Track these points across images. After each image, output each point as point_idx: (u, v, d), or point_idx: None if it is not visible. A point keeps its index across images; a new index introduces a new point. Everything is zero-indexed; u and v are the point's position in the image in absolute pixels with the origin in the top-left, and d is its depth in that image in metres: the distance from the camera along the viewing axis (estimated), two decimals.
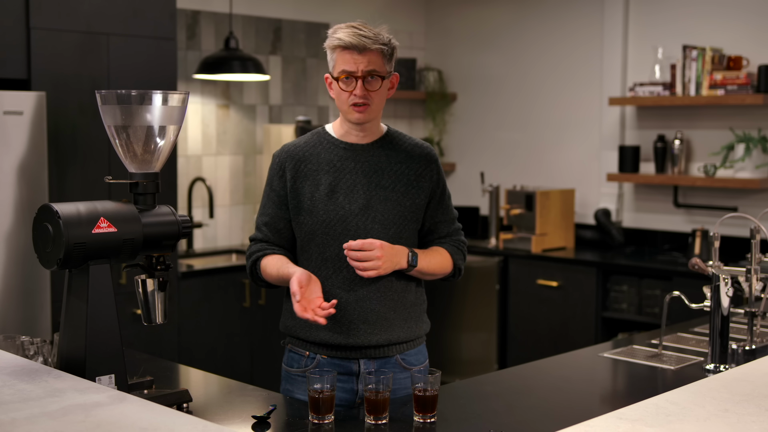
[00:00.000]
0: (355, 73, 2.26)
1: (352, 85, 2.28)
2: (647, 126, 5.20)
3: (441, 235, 2.47)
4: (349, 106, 2.30)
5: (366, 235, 2.32)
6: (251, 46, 5.24)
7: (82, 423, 1.54)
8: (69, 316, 2.02)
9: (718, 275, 2.51)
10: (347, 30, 2.27)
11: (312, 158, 2.37)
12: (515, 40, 5.80)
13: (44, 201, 3.63)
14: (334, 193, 2.33)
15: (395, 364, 2.39)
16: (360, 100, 2.28)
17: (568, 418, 1.98)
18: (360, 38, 2.25)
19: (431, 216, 2.44)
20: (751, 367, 2.13)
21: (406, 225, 2.37)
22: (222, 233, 5.21)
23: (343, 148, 2.37)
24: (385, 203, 2.35)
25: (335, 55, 2.29)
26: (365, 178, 2.35)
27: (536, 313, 5.00)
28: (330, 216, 2.32)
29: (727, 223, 4.31)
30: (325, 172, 2.35)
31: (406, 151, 2.41)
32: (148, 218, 2.07)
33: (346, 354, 2.35)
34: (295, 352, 2.42)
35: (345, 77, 2.28)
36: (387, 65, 2.31)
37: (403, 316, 2.39)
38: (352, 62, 2.26)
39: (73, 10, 3.82)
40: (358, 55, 2.25)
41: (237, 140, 5.25)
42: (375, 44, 2.26)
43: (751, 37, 4.78)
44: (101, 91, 2.06)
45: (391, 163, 2.38)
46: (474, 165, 5.95)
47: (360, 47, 2.25)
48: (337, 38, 2.27)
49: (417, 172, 2.40)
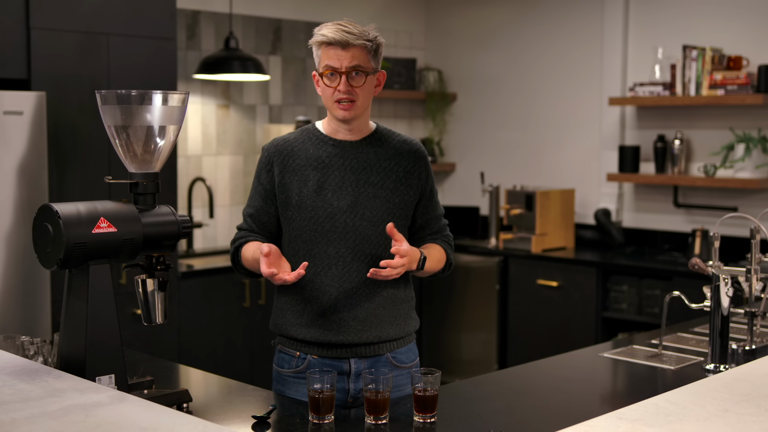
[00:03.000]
0: (339, 68, 2.28)
1: (336, 80, 2.29)
2: (647, 126, 5.20)
3: (432, 231, 2.49)
4: (333, 102, 2.31)
5: (355, 233, 2.32)
6: (251, 46, 5.24)
7: (82, 423, 1.54)
8: (69, 316, 2.02)
9: (718, 275, 2.51)
10: (331, 26, 2.30)
11: (300, 153, 2.37)
12: (515, 40, 5.80)
13: (44, 201, 3.63)
14: (323, 190, 2.34)
15: (386, 362, 2.39)
16: (344, 96, 2.29)
17: (568, 418, 1.98)
18: (343, 34, 2.27)
19: (422, 213, 2.46)
20: (751, 367, 2.13)
21: (396, 222, 2.36)
22: (222, 233, 5.21)
23: (332, 144, 2.38)
24: (373, 200, 2.35)
25: (320, 51, 2.32)
26: (354, 175, 2.36)
27: (536, 313, 5.00)
28: (318, 213, 2.33)
29: (727, 223, 4.33)
30: (312, 168, 2.35)
31: (395, 147, 2.42)
32: (148, 218, 2.07)
33: (337, 353, 2.36)
34: (285, 352, 2.43)
35: (329, 73, 2.29)
36: (372, 61, 2.31)
37: (392, 313, 2.39)
38: (335, 58, 2.28)
39: (73, 10, 3.82)
40: (341, 50, 2.28)
41: (237, 140, 5.25)
42: (359, 40, 2.28)
43: (751, 37, 4.78)
44: (101, 91, 2.06)
45: (380, 160, 2.39)
46: (474, 165, 5.95)
47: (343, 43, 2.27)
48: (321, 34, 2.30)
49: (406, 169, 2.41)
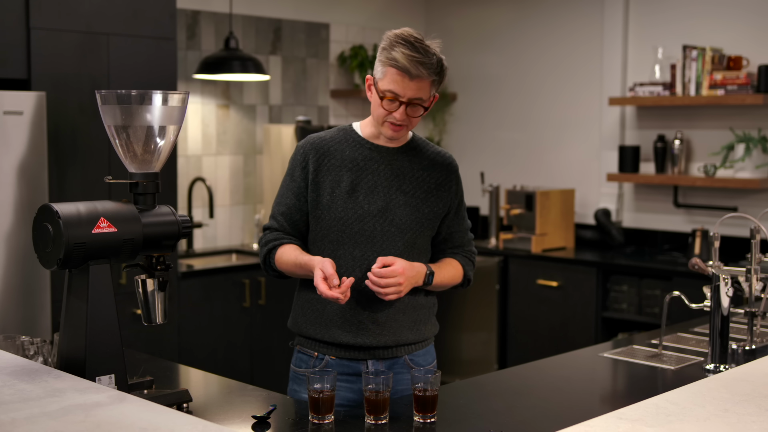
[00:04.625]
0: (401, 97, 2.24)
1: (394, 106, 2.25)
2: (647, 126, 5.20)
3: (455, 245, 2.48)
4: (385, 121, 2.29)
5: (382, 238, 2.32)
6: (251, 46, 5.24)
7: (82, 423, 1.54)
8: (69, 316, 2.02)
9: (718, 275, 2.51)
10: (406, 51, 2.20)
11: (336, 153, 2.36)
12: (515, 40, 5.80)
13: (44, 201, 3.63)
14: (355, 192, 2.33)
15: (403, 364, 2.39)
16: (399, 122, 2.27)
17: (568, 418, 1.98)
18: (418, 67, 2.20)
19: (448, 226, 2.45)
20: (751, 367, 2.13)
21: (422, 231, 2.37)
22: (222, 233, 5.21)
23: (368, 148, 2.37)
24: (404, 208, 2.34)
25: (386, 69, 2.24)
26: (387, 180, 2.35)
27: (536, 313, 5.00)
28: (348, 214, 2.32)
29: (727, 223, 4.33)
30: (347, 169, 2.34)
31: (429, 158, 2.42)
32: (148, 218, 2.07)
33: (355, 354, 2.35)
34: (303, 353, 2.41)
35: (390, 99, 2.25)
36: (433, 89, 2.29)
37: (412, 318, 2.38)
38: (401, 86, 2.22)
39: (73, 10, 3.82)
40: (409, 81, 2.22)
41: (237, 140, 5.25)
42: (431, 76, 2.23)
43: (751, 37, 4.78)
44: (101, 91, 2.06)
45: (414, 169, 2.38)
46: (474, 165, 5.95)
47: (414, 75, 2.21)
48: (394, 59, 2.21)
49: (438, 180, 2.41)
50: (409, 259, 2.33)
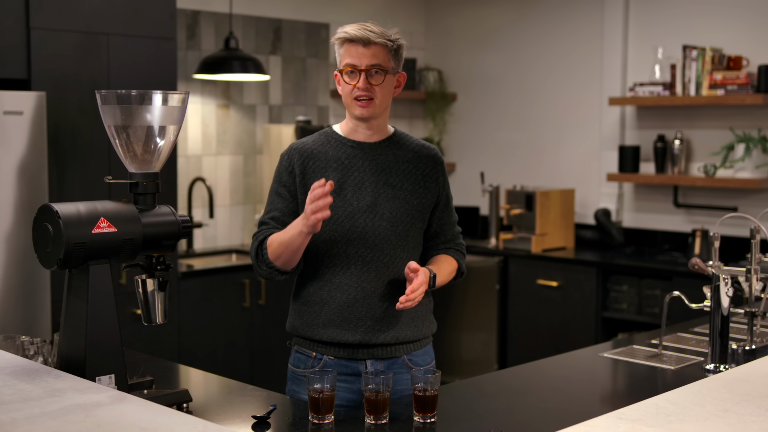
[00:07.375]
0: (359, 66, 2.30)
1: (356, 78, 2.31)
2: (647, 126, 5.20)
3: (447, 238, 2.50)
4: (352, 99, 2.33)
5: (374, 233, 2.33)
6: (251, 46, 5.24)
7: (82, 423, 1.54)
8: (69, 316, 2.02)
9: (718, 275, 2.51)
10: (354, 25, 2.33)
11: (320, 155, 2.38)
12: (515, 40, 5.80)
13: (44, 201, 3.63)
14: (342, 190, 2.34)
15: (402, 364, 2.39)
16: (363, 93, 2.30)
17: (568, 418, 1.98)
18: (365, 32, 2.29)
19: (438, 218, 2.47)
20: (751, 367, 2.13)
21: (413, 224, 2.39)
22: (222, 233, 5.21)
23: (351, 146, 2.39)
24: (393, 201, 2.36)
25: (342, 49, 2.34)
26: (373, 176, 2.36)
27: (536, 313, 5.00)
28: (338, 213, 2.33)
29: (727, 223, 4.33)
30: (333, 169, 2.36)
31: (414, 150, 2.44)
32: (148, 218, 2.07)
33: (354, 354, 2.35)
34: (301, 353, 2.42)
35: (349, 70, 2.31)
36: (392, 61, 2.33)
37: (410, 314, 2.39)
38: (356, 55, 2.30)
39: (73, 10, 3.82)
40: (362, 48, 2.30)
41: (237, 140, 5.25)
42: (380, 38, 2.30)
43: (751, 37, 4.78)
44: (101, 91, 2.06)
45: (399, 162, 2.40)
46: (474, 165, 5.95)
47: (365, 40, 2.29)
48: (344, 32, 2.32)
49: (424, 172, 2.42)
50: (403, 253, 2.36)
